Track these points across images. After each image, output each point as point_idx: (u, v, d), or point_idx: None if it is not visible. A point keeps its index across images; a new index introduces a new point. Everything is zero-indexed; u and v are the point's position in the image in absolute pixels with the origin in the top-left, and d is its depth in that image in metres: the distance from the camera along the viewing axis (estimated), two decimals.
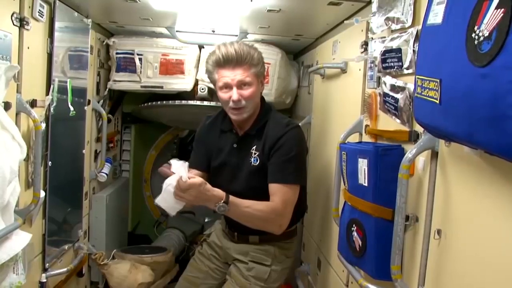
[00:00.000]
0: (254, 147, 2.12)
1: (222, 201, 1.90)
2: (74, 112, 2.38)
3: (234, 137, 2.19)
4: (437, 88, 1.02)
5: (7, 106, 1.73)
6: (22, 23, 1.85)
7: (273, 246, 2.17)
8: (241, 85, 2.06)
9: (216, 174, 2.24)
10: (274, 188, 2.01)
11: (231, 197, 1.93)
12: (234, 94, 2.05)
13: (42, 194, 1.96)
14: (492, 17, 0.84)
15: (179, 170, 1.84)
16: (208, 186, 1.89)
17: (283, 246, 2.20)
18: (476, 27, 0.87)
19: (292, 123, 2.12)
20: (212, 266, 2.32)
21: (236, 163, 2.16)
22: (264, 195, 2.03)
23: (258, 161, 2.10)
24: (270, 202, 2.00)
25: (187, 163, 1.89)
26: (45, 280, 2.17)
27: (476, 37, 0.87)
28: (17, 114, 1.86)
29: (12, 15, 1.78)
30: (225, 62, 2.05)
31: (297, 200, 2.09)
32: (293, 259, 2.32)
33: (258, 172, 2.09)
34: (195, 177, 1.86)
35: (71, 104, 2.32)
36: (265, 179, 2.05)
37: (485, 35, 0.85)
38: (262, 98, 2.23)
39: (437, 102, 1.03)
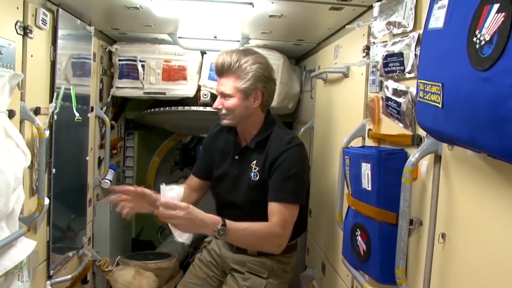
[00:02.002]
0: (254, 162, 2.10)
1: (220, 224, 1.81)
2: (80, 118, 2.39)
3: (236, 148, 2.18)
4: (439, 92, 1.03)
5: (11, 114, 1.74)
6: (25, 31, 1.86)
7: (270, 260, 2.13)
8: (223, 95, 2.06)
9: (217, 183, 2.24)
10: (273, 208, 1.97)
11: (228, 221, 1.84)
12: (216, 102, 2.10)
13: (47, 201, 1.96)
14: (493, 21, 0.84)
15: (166, 195, 1.85)
16: (197, 210, 1.80)
17: (281, 260, 2.17)
18: (477, 31, 0.88)
19: (295, 140, 2.07)
20: (210, 274, 2.31)
21: (236, 175, 2.15)
22: (263, 210, 2.00)
23: (258, 176, 2.07)
24: (268, 222, 1.96)
25: (177, 187, 1.89)
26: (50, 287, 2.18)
27: (478, 41, 0.87)
28: (21, 121, 1.87)
29: (15, 24, 1.80)
30: (216, 70, 2.09)
31: (298, 217, 2.06)
32: (290, 275, 2.27)
33: (258, 187, 2.06)
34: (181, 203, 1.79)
35: (76, 111, 2.33)
36: (265, 194, 2.02)
37: (486, 39, 0.85)
38: (268, 112, 2.18)
39: (440, 106, 1.03)
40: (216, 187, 2.25)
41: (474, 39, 0.88)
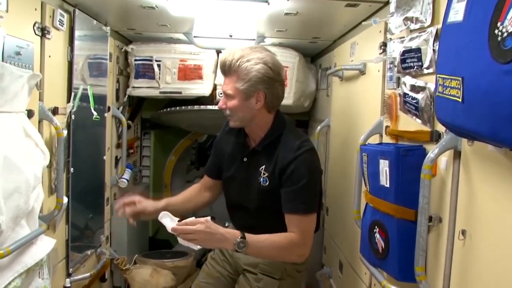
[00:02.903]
0: (263, 167, 2.05)
1: (240, 237, 1.84)
2: (98, 117, 2.41)
3: (245, 150, 2.13)
4: (459, 87, 1.01)
5: (30, 113, 1.76)
6: (43, 32, 1.88)
7: (283, 262, 2.09)
8: (226, 95, 2.02)
9: (226, 185, 2.22)
10: (289, 219, 1.95)
11: (247, 234, 1.87)
12: (220, 101, 2.05)
13: (65, 200, 1.98)
14: None
15: (165, 222, 1.94)
16: (216, 224, 1.85)
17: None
18: (499, 23, 0.86)
19: (305, 145, 1.99)
20: (224, 273, 2.28)
21: (245, 179, 2.11)
22: (273, 215, 1.99)
23: (268, 182, 2.03)
24: (287, 233, 1.94)
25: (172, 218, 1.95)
26: (69, 285, 2.21)
27: (500, 33, 0.86)
28: (39, 121, 1.89)
29: (34, 25, 1.82)
30: (220, 69, 2.06)
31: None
32: (303, 274, 2.24)
33: (268, 193, 2.02)
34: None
35: (94, 110, 2.35)
36: (274, 200, 1.99)
37: (509, 31, 0.83)
38: (278, 113, 2.10)
39: (460, 100, 1.01)
40: (225, 188, 2.23)
41: (496, 31, 0.87)
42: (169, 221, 1.93)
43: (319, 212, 2.18)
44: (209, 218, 1.89)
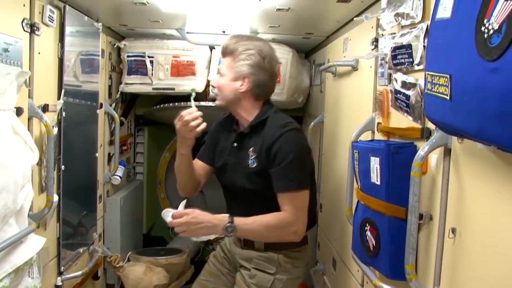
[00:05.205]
0: (251, 149, 2.07)
1: (228, 221, 1.89)
2: None
3: (235, 135, 2.16)
4: (447, 84, 1.00)
5: (19, 111, 1.75)
6: (32, 28, 1.86)
7: (277, 254, 2.09)
8: (219, 73, 2.12)
9: (220, 173, 2.23)
10: (281, 198, 1.96)
11: (236, 217, 1.92)
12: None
13: (56, 198, 1.97)
14: (501, 9, 0.81)
15: (166, 215, 1.97)
16: (204, 212, 1.92)
17: (289, 255, 2.11)
18: (485, 20, 0.85)
19: (289, 124, 2.02)
20: (224, 271, 2.28)
21: (235, 163, 2.13)
22: (266, 199, 1.99)
23: (256, 163, 2.04)
24: (278, 212, 1.96)
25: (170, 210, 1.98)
26: (60, 284, 2.19)
27: (486, 30, 0.85)
28: (29, 119, 1.88)
29: (22, 21, 1.80)
30: (221, 50, 2.14)
31: (308, 206, 2.05)
32: (302, 270, 2.21)
33: (257, 175, 2.03)
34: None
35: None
36: (265, 182, 2.00)
37: (495, 28, 0.82)
38: (267, 102, 2.15)
39: (448, 98, 1.00)
40: (219, 177, 2.25)
41: (482, 28, 0.86)
42: (168, 217, 1.96)
43: (315, 206, 2.19)
44: (184, 201, 2.00)
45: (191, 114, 1.99)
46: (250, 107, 2.10)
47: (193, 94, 2.15)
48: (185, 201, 2.03)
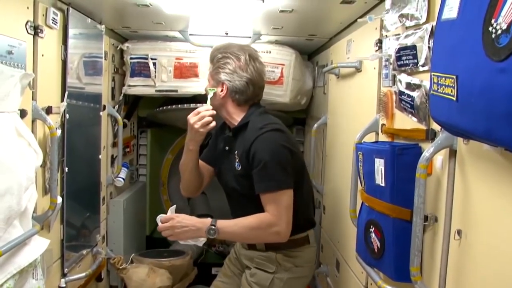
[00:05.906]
0: (236, 152, 2.12)
1: (210, 224, 1.97)
2: None
3: (226, 139, 2.23)
4: (453, 85, 1.00)
5: (23, 113, 1.75)
6: (36, 31, 1.86)
7: (276, 253, 2.12)
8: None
9: (218, 176, 2.32)
10: (263, 199, 1.99)
11: (218, 220, 1.99)
12: None
13: (59, 200, 1.97)
14: (510, 9, 0.81)
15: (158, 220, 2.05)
16: (189, 216, 2.05)
17: (288, 254, 2.13)
18: (493, 20, 0.85)
19: (267, 126, 2.03)
20: (236, 272, 2.33)
21: (226, 166, 2.20)
22: (256, 201, 2.01)
23: (240, 166, 2.09)
24: (260, 213, 1.99)
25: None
26: (64, 285, 2.19)
27: (494, 30, 0.84)
28: (33, 121, 1.88)
29: (26, 24, 1.80)
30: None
31: (303, 211, 2.08)
32: (307, 269, 2.23)
33: (242, 177, 2.08)
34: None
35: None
36: (251, 185, 2.02)
37: (503, 28, 0.82)
38: (254, 106, 2.19)
39: (454, 99, 1.00)
40: (218, 178, 2.33)
41: (490, 28, 0.85)
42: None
43: (310, 206, 2.24)
44: (174, 207, 2.07)
45: (208, 110, 2.06)
46: (234, 111, 2.17)
47: (211, 94, 2.18)
48: (174, 206, 2.09)
